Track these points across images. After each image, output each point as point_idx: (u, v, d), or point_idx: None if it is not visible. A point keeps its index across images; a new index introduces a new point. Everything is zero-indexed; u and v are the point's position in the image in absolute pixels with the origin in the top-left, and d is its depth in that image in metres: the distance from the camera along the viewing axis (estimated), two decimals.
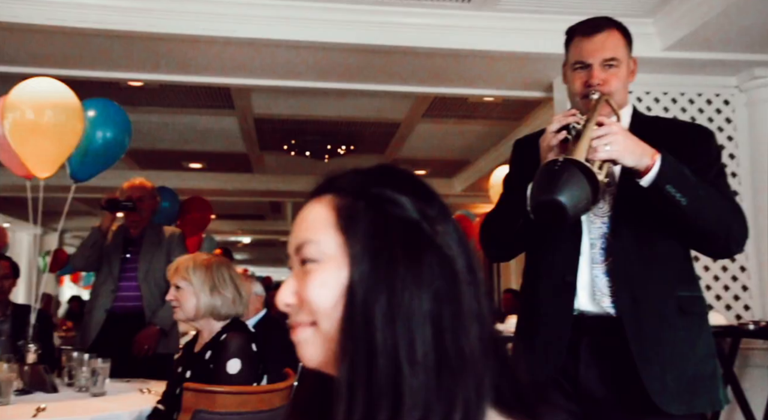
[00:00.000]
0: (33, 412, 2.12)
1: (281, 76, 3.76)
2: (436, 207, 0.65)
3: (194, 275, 2.20)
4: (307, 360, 0.66)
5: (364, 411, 0.57)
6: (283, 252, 15.44)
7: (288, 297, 0.66)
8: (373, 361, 0.58)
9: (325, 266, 0.63)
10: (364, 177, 0.67)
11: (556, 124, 1.50)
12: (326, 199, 0.66)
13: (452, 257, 0.63)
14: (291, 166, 7.15)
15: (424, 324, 0.58)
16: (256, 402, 2.15)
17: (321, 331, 0.63)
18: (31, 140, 2.77)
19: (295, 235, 0.67)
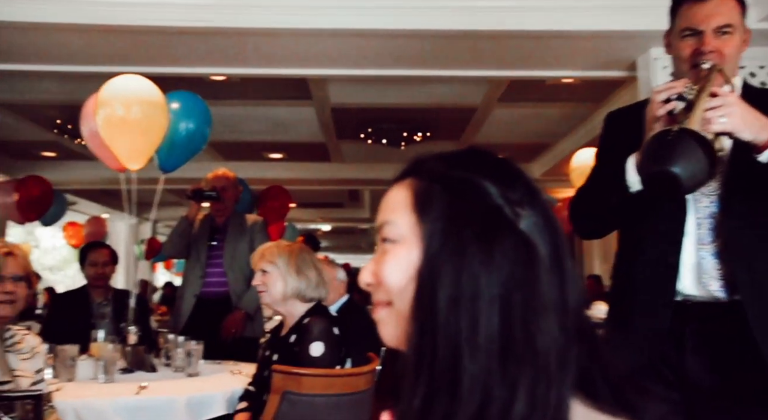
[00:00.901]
0: (136, 390, 2.26)
1: (357, 65, 3.79)
2: (520, 190, 0.64)
3: (280, 259, 2.27)
4: (385, 338, 0.67)
5: (425, 392, 0.57)
6: (361, 239, 15.61)
7: (367, 276, 0.68)
8: (436, 343, 0.58)
9: (399, 247, 0.64)
10: (446, 160, 0.67)
11: (664, 93, 1.40)
12: (407, 182, 0.67)
13: (533, 243, 0.61)
14: (368, 155, 7.22)
15: (491, 308, 0.57)
16: (341, 385, 2.21)
17: (396, 311, 0.64)
18: (121, 135, 2.93)
19: (379, 216, 0.69)
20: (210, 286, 3.57)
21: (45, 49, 3.54)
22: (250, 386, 2.36)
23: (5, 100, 5.38)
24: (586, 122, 5.93)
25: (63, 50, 3.54)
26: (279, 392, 2.12)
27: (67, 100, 5.17)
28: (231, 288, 3.56)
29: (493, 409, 0.56)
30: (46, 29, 3.25)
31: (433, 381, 0.57)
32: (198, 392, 2.35)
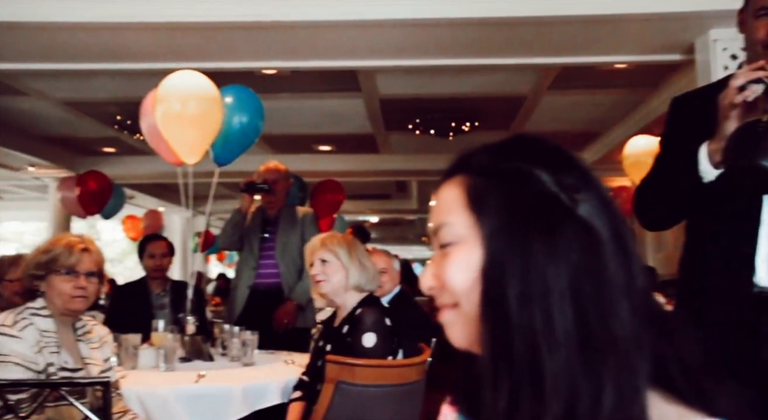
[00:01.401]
0: (195, 378, 2.33)
1: (406, 55, 3.79)
2: (575, 174, 0.62)
3: (341, 249, 2.27)
4: (454, 341, 0.66)
5: (508, 394, 0.56)
6: (408, 230, 15.57)
7: (429, 280, 0.66)
8: (511, 343, 0.56)
9: (460, 248, 0.63)
10: (494, 152, 0.66)
11: (741, 79, 1.32)
12: (457, 180, 0.65)
13: (595, 227, 0.59)
14: (416, 145, 7.20)
15: (563, 301, 0.56)
16: (393, 375, 2.23)
17: (463, 313, 0.63)
18: (178, 129, 3.01)
19: (432, 218, 0.68)
20: (263, 278, 3.63)
21: (105, 48, 3.66)
22: (304, 376, 2.40)
23: (68, 98, 5.60)
24: (640, 109, 5.76)
25: (122, 48, 3.65)
26: (333, 382, 2.15)
27: (126, 97, 5.34)
28: (283, 279, 3.60)
29: (583, 406, 0.54)
30: (106, 29, 3.37)
31: (514, 382, 0.56)
32: (254, 381, 2.40)
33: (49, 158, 7.46)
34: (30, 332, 1.79)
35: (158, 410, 2.17)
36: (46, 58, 3.87)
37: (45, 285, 1.88)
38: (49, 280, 1.87)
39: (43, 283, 1.88)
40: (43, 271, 1.87)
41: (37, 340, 1.80)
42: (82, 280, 1.88)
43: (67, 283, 1.86)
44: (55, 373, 1.80)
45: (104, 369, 1.99)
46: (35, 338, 1.79)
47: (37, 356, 1.78)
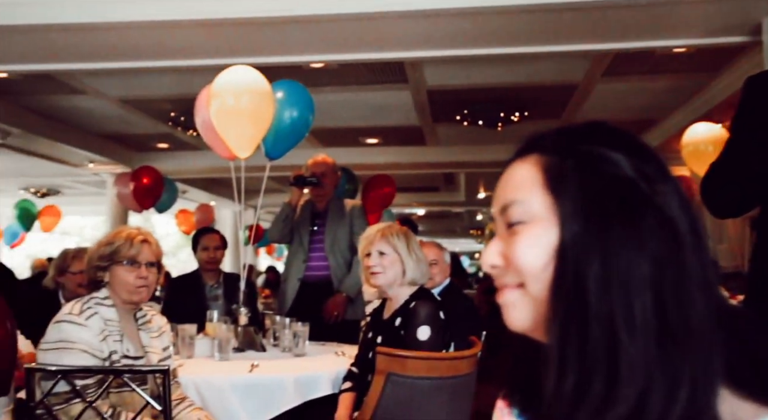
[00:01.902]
0: (249, 368, 2.37)
1: (454, 46, 3.74)
2: (653, 164, 0.60)
3: (400, 242, 2.26)
4: (514, 323, 0.64)
5: (576, 380, 0.55)
6: (456, 223, 15.46)
7: (494, 258, 0.65)
8: (587, 327, 0.55)
9: (533, 227, 0.61)
10: (572, 134, 0.64)
11: None
12: (532, 159, 0.64)
13: (674, 219, 0.58)
14: (464, 137, 7.13)
15: (644, 290, 0.55)
16: (444, 368, 2.21)
17: (529, 294, 0.61)
18: (232, 124, 3.05)
19: (500, 195, 0.66)
20: (313, 270, 3.66)
21: (159, 46, 3.75)
22: (354, 367, 2.41)
23: (124, 96, 5.77)
24: (700, 94, 5.54)
25: (175, 46, 3.74)
26: (383, 373, 2.15)
27: (179, 94, 5.47)
28: (332, 272, 3.62)
29: (657, 395, 0.53)
30: (159, 27, 3.44)
31: (586, 367, 0.55)
32: (305, 372, 2.42)
33: (107, 154, 7.72)
34: (95, 321, 1.86)
35: (214, 398, 2.22)
36: (103, 57, 3.99)
37: (108, 276, 1.94)
38: (112, 270, 1.94)
39: (107, 274, 1.94)
40: (107, 263, 1.94)
41: (101, 328, 1.86)
42: (143, 270, 1.94)
43: (130, 273, 1.93)
44: (118, 361, 1.86)
45: (163, 357, 2.05)
46: (100, 327, 1.86)
47: (101, 344, 1.84)
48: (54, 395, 1.72)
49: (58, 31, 3.51)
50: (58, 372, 1.70)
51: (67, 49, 3.84)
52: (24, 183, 10.36)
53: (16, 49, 3.87)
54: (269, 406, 2.29)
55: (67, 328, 1.81)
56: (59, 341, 1.80)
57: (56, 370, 1.71)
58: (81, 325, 1.82)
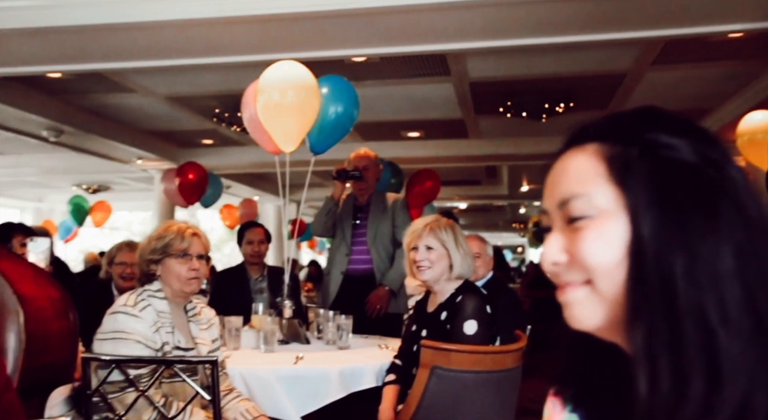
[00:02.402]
0: (294, 360, 2.40)
1: (497, 36, 3.68)
2: (717, 149, 0.57)
3: (447, 236, 2.24)
4: (580, 322, 0.61)
5: (672, 382, 0.52)
6: (498, 216, 15.27)
7: (556, 255, 0.61)
8: (677, 326, 0.52)
9: (601, 222, 0.58)
10: (631, 121, 0.61)
11: None
12: (590, 148, 0.61)
13: (746, 205, 0.55)
14: (507, 129, 7.04)
15: (732, 281, 0.52)
16: (489, 362, 2.19)
17: (598, 292, 0.58)
18: (278, 119, 3.07)
19: (556, 189, 0.63)
20: (355, 264, 3.67)
21: (205, 43, 3.80)
22: (397, 359, 2.40)
23: (169, 94, 5.90)
24: (757, 81, 5.32)
25: (220, 43, 3.79)
26: (428, 367, 2.14)
27: (224, 90, 5.55)
28: (375, 265, 3.63)
29: (761, 396, 0.50)
30: (205, 24, 3.49)
31: (679, 368, 0.52)
32: (350, 364, 2.43)
33: (154, 151, 7.91)
34: (149, 313, 1.90)
35: (260, 390, 2.25)
36: (151, 55, 4.08)
37: (161, 269, 1.99)
38: (164, 263, 1.99)
39: (159, 267, 1.99)
40: (159, 256, 1.99)
41: (154, 320, 1.91)
42: (194, 262, 1.99)
43: (182, 265, 1.97)
44: (170, 352, 1.90)
45: (212, 349, 2.09)
46: (153, 318, 1.90)
47: (155, 335, 1.89)
48: (109, 384, 1.77)
49: (108, 31, 3.61)
50: (112, 361, 1.74)
51: (117, 48, 3.93)
52: (76, 179, 10.72)
53: (69, 49, 4.00)
54: (314, 398, 2.31)
55: (123, 319, 1.86)
56: (115, 332, 1.85)
57: (110, 359, 1.75)
58: (135, 316, 1.87)
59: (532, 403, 2.81)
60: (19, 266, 1.19)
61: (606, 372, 0.65)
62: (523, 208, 14.77)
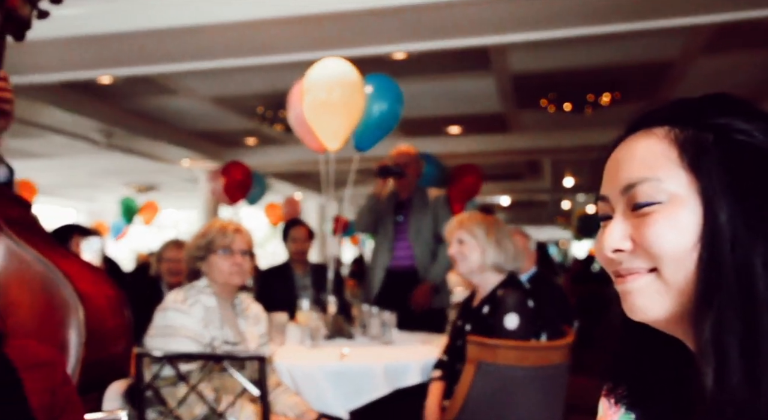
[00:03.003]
0: (339, 356, 2.42)
1: (539, 28, 3.61)
2: None
3: (479, 229, 2.25)
4: (643, 312, 0.59)
5: (743, 376, 0.50)
6: (541, 211, 15.04)
7: (619, 242, 0.59)
8: (753, 317, 0.50)
9: (671, 207, 0.56)
10: (704, 106, 0.59)
11: None
12: (659, 132, 0.59)
13: None
14: (549, 122, 6.92)
15: None
16: (535, 357, 2.16)
17: (665, 280, 0.57)
18: (324, 117, 3.09)
19: (620, 173, 0.61)
20: (398, 260, 3.69)
21: (247, 44, 3.86)
22: (443, 355, 2.40)
23: (214, 95, 6.01)
24: None
25: (263, 43, 3.84)
26: (474, 362, 2.13)
27: (266, 90, 5.63)
28: (417, 261, 3.64)
29: None
30: (247, 26, 3.55)
31: (752, 361, 0.50)
32: (394, 360, 2.44)
33: (199, 151, 8.09)
34: (197, 309, 1.96)
35: (306, 385, 2.28)
36: (196, 58, 4.17)
37: (206, 265, 2.04)
38: (209, 259, 2.04)
39: (205, 264, 2.05)
40: (203, 253, 2.04)
41: (203, 315, 1.96)
42: (237, 258, 2.04)
43: (225, 260, 2.02)
44: (219, 347, 1.95)
45: (260, 344, 2.13)
46: (201, 314, 1.95)
47: (203, 330, 1.94)
48: (161, 379, 1.83)
49: (155, 35, 3.70)
50: (164, 357, 1.80)
51: (164, 51, 4.03)
52: (126, 180, 11.05)
53: (118, 55, 4.12)
54: (360, 394, 2.33)
55: (172, 315, 1.92)
56: (165, 327, 1.90)
57: (161, 355, 1.81)
58: (185, 312, 1.92)
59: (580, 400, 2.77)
60: (78, 265, 1.24)
61: (663, 368, 0.63)
62: (566, 202, 14.52)
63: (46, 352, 1.01)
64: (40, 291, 1.16)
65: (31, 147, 7.82)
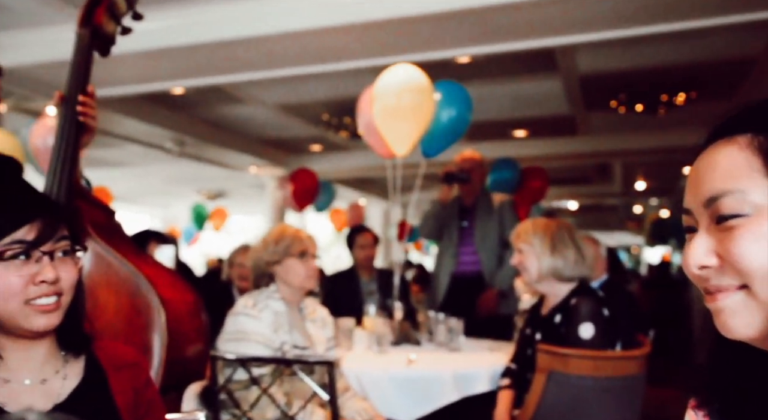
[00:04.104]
0: (406, 362, 2.42)
1: (611, 27, 3.51)
2: None
3: (535, 238, 2.22)
4: (736, 331, 0.56)
5: None
6: (610, 216, 14.58)
7: (703, 258, 0.56)
8: None
9: (757, 220, 0.53)
10: None
11: None
12: (741, 141, 0.56)
13: None
14: (619, 124, 6.70)
15: None
16: (610, 368, 2.09)
17: (756, 297, 0.54)
18: (393, 123, 3.11)
19: (702, 186, 0.58)
20: (463, 266, 3.66)
21: (314, 52, 3.93)
22: (512, 363, 2.36)
23: (279, 102, 6.15)
24: None
25: (329, 51, 3.89)
26: (545, 372, 2.08)
27: (332, 97, 5.71)
28: (483, 267, 3.60)
29: None
30: (313, 34, 3.60)
31: None
32: (463, 367, 2.41)
33: (266, 158, 8.28)
34: (267, 313, 2.00)
35: (374, 390, 2.29)
36: (264, 66, 4.28)
37: (282, 269, 2.10)
38: (284, 264, 2.10)
39: (280, 267, 2.10)
40: (279, 257, 2.10)
41: (272, 320, 2.00)
42: (311, 262, 2.08)
43: (302, 264, 2.09)
44: (288, 350, 1.98)
45: (328, 347, 2.15)
46: (271, 319, 2.00)
47: (273, 335, 1.98)
48: (234, 382, 1.87)
49: (225, 46, 3.82)
50: (236, 359, 1.84)
51: (233, 62, 4.16)
52: (197, 187, 11.45)
53: (190, 66, 4.28)
54: (428, 400, 2.31)
55: (243, 320, 1.96)
56: (237, 332, 1.95)
57: (234, 358, 1.85)
58: (255, 317, 1.97)
59: (657, 411, 2.65)
60: (159, 271, 1.29)
61: (760, 382, 0.60)
62: (638, 207, 14.02)
63: (131, 354, 1.05)
64: (126, 295, 1.21)
65: (109, 156, 8.23)
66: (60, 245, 0.94)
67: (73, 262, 0.96)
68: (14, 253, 0.90)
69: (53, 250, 0.93)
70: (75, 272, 0.96)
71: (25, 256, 0.91)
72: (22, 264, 0.91)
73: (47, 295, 0.92)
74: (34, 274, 0.91)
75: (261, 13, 3.57)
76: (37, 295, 0.91)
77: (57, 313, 0.93)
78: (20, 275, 0.90)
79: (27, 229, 0.91)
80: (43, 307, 0.91)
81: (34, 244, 0.91)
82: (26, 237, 0.91)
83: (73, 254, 0.97)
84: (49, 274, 0.91)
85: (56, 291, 0.93)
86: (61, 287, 0.93)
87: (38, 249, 0.91)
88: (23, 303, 0.90)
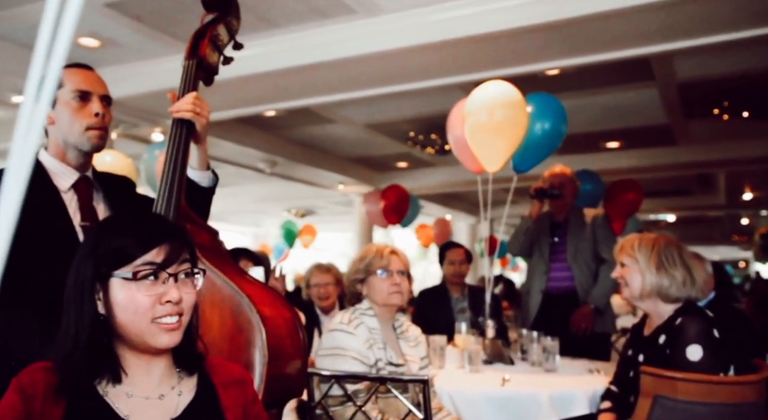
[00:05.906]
0: (501, 382, 2.36)
1: (710, 32, 3.33)
2: None
3: (640, 253, 2.11)
4: None
5: None
6: (713, 228, 13.71)
7: None
8: None
9: None
10: None
11: None
12: None
13: None
14: (723, 132, 6.32)
15: None
16: (724, 394, 1.95)
17: None
18: (485, 139, 3.08)
19: None
20: (555, 282, 3.56)
21: (401, 71, 3.98)
22: (612, 386, 2.25)
23: (366, 121, 6.26)
24: None
25: (417, 69, 3.93)
26: (650, 396, 1.97)
27: (418, 114, 5.76)
28: (577, 282, 3.49)
29: None
30: (401, 53, 3.65)
31: None
32: (559, 388, 2.33)
33: (354, 176, 8.44)
34: (362, 330, 2.02)
35: (467, 410, 2.24)
36: (351, 87, 4.38)
37: (366, 287, 2.11)
38: (368, 282, 2.10)
39: (365, 286, 2.11)
40: (363, 275, 2.11)
41: (367, 337, 2.01)
42: (395, 278, 2.09)
43: (383, 281, 2.08)
44: (383, 368, 1.99)
45: (421, 366, 2.14)
46: (366, 335, 2.01)
47: (368, 352, 1.99)
48: (330, 397, 1.90)
49: (314, 69, 3.95)
50: (332, 376, 1.86)
51: (322, 84, 4.29)
52: (287, 205, 11.82)
53: (281, 89, 4.45)
54: None
55: (339, 336, 1.99)
56: (334, 348, 1.98)
57: (330, 374, 1.88)
58: (351, 333, 1.99)
59: None
60: (258, 289, 1.33)
61: None
62: (745, 219, 13.11)
63: (239, 371, 1.09)
64: (229, 313, 1.26)
65: None
66: (183, 268, 1.00)
67: (193, 284, 1.02)
68: (145, 274, 0.96)
69: (177, 272, 0.99)
70: (194, 294, 1.02)
71: (154, 277, 0.97)
72: (151, 284, 0.97)
73: (171, 315, 0.97)
74: (161, 294, 0.97)
75: (347, 36, 3.66)
76: (162, 315, 0.97)
77: (179, 331, 0.99)
78: (149, 295, 0.96)
79: (156, 252, 0.97)
80: (168, 325, 0.97)
81: (162, 266, 0.97)
82: (155, 259, 0.97)
83: (193, 276, 1.02)
84: (174, 294, 0.97)
85: (179, 311, 0.98)
86: (182, 308, 0.99)
87: (165, 271, 0.97)
88: (150, 321, 0.96)
